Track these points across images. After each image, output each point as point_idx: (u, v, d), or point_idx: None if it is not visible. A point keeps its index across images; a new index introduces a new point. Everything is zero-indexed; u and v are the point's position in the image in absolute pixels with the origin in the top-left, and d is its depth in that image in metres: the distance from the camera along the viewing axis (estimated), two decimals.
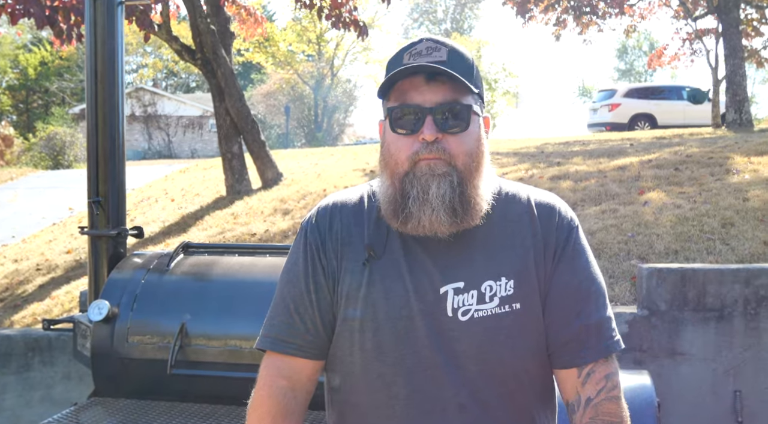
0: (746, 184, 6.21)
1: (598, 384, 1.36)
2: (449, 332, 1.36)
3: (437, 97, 1.34)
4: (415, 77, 1.35)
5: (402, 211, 1.34)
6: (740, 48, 14.33)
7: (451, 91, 1.34)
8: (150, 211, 9.44)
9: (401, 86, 1.36)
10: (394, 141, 1.37)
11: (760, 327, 3.77)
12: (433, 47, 1.36)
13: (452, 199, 1.32)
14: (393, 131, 1.36)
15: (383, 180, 1.40)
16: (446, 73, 1.32)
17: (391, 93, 1.38)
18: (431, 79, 1.34)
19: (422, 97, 1.34)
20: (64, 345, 4.44)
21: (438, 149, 1.33)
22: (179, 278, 2.91)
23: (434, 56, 1.34)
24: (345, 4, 8.64)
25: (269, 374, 1.43)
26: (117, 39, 3.21)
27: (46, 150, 22.55)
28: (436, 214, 1.32)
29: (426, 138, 1.32)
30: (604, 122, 19.56)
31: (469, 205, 1.34)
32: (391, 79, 1.35)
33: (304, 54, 38.44)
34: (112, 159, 3.21)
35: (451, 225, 1.33)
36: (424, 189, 1.32)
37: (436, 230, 1.33)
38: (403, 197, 1.34)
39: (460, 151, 1.34)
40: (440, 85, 1.34)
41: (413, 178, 1.34)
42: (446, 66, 1.33)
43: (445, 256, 1.38)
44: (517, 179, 7.42)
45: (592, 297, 1.39)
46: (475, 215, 1.35)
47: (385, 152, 1.40)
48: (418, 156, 1.33)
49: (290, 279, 1.46)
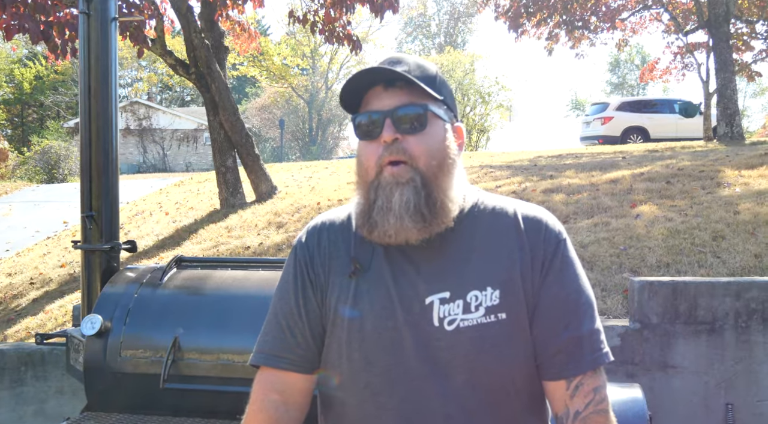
0: (737, 197, 6.25)
1: (586, 397, 1.37)
2: (435, 342, 1.37)
3: (394, 101, 1.38)
4: (376, 88, 1.40)
5: (368, 219, 1.38)
6: (731, 62, 14.45)
7: (408, 96, 1.39)
8: (144, 224, 9.43)
9: (366, 99, 1.42)
10: (363, 149, 1.42)
11: (751, 340, 3.79)
12: (395, 60, 1.42)
13: (417, 205, 1.35)
14: (360, 139, 1.42)
15: (358, 192, 1.45)
16: (402, 77, 1.37)
17: (360, 108, 1.44)
18: (390, 86, 1.40)
19: (381, 102, 1.39)
20: (57, 360, 4.43)
21: (398, 150, 1.37)
22: (172, 292, 2.92)
23: (394, 67, 1.39)
24: (338, 19, 8.70)
25: (262, 389, 1.44)
26: (110, 54, 3.22)
27: (41, 164, 22.53)
28: (400, 221, 1.34)
29: (385, 139, 1.36)
30: (596, 135, 19.67)
31: (435, 207, 1.36)
32: (348, 94, 1.42)
33: (299, 68, 38.56)
34: (105, 173, 3.22)
35: (419, 231, 1.35)
36: (387, 197, 1.36)
37: (405, 238, 1.36)
38: (369, 206, 1.38)
39: (420, 151, 1.37)
40: (398, 90, 1.39)
41: (378, 187, 1.37)
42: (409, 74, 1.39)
43: (431, 266, 1.40)
44: (510, 192, 7.45)
45: (581, 309, 1.41)
46: (443, 216, 1.37)
47: (357, 164, 1.44)
48: (382, 159, 1.37)
49: (282, 296, 1.49)
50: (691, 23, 17.76)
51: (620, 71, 54.60)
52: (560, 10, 16.78)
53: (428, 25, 48.55)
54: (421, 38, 48.52)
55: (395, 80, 1.39)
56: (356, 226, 1.43)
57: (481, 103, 36.81)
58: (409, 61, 1.43)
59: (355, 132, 1.42)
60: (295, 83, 38.29)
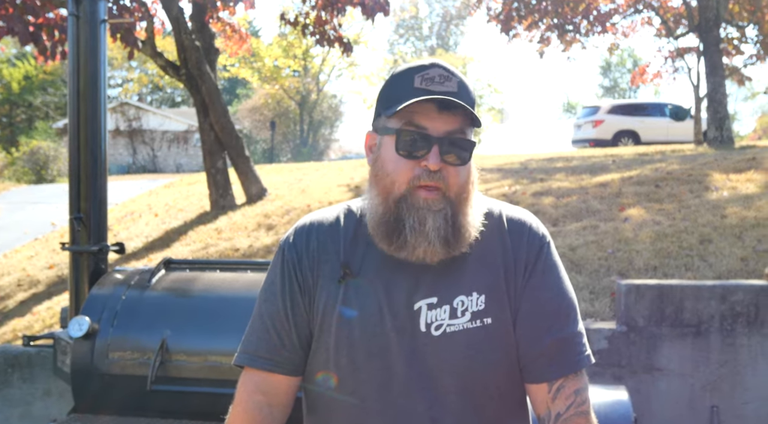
0: (724, 201, 6.30)
1: (567, 399, 1.38)
2: (422, 347, 1.38)
3: (446, 126, 1.35)
4: (427, 103, 1.35)
5: (398, 237, 1.36)
6: (721, 66, 14.53)
7: (459, 123, 1.36)
8: (134, 226, 9.41)
9: (411, 108, 1.35)
10: (394, 161, 1.37)
11: (736, 343, 3.82)
12: (445, 76, 1.38)
13: (446, 232, 1.35)
14: (396, 151, 1.37)
15: (373, 196, 1.41)
16: (460, 107, 1.34)
17: (398, 113, 1.37)
18: (443, 109, 1.35)
19: (432, 124, 1.35)
20: (44, 362, 4.41)
21: (439, 178, 1.35)
22: (160, 294, 2.92)
23: (446, 86, 1.36)
24: (329, 22, 8.72)
25: (246, 390, 1.45)
26: (100, 57, 3.22)
27: (30, 164, 22.45)
28: (432, 246, 1.35)
29: (430, 167, 1.34)
30: (588, 138, 19.74)
31: (460, 235, 1.37)
32: (409, 104, 1.34)
33: (290, 69, 38.53)
34: (94, 175, 3.22)
35: (443, 255, 1.37)
36: (420, 221, 1.34)
37: (428, 259, 1.37)
38: (397, 222, 1.36)
39: (456, 182, 1.37)
40: (451, 115, 1.36)
41: (410, 206, 1.35)
42: (457, 97, 1.35)
43: (419, 272, 1.40)
44: (500, 195, 7.47)
45: (563, 312, 1.42)
46: (465, 242, 1.39)
47: (380, 169, 1.40)
48: (419, 181, 1.35)
49: (267, 297, 1.49)
50: (682, 27, 17.85)
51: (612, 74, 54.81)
52: (551, 14, 16.84)
53: (420, 27, 48.63)
54: (413, 40, 48.59)
55: (451, 105, 1.35)
56: (377, 237, 1.40)
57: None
58: (458, 78, 1.39)
59: (397, 145, 1.36)
60: (287, 85, 38.27)
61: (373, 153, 1.43)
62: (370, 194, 1.43)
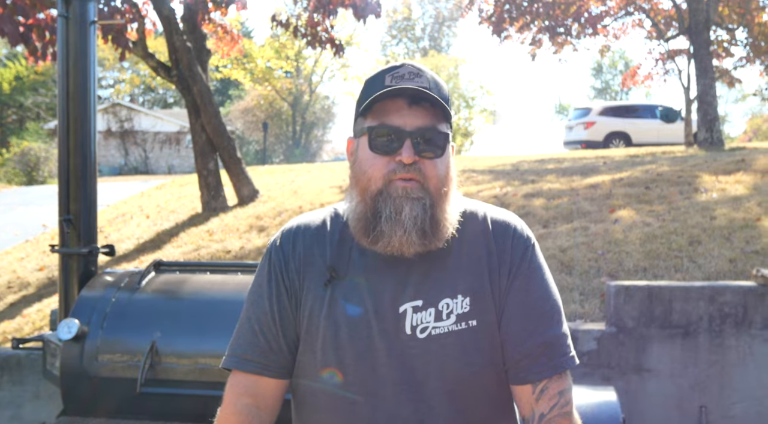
0: (713, 202, 6.33)
1: (551, 400, 1.39)
2: (408, 350, 1.39)
3: (418, 121, 1.37)
4: (398, 100, 1.37)
5: (373, 229, 1.37)
6: (711, 68, 14.60)
7: (431, 117, 1.38)
8: (125, 228, 9.38)
9: (383, 107, 1.38)
10: (369, 159, 1.39)
11: (724, 344, 3.84)
12: (416, 73, 1.39)
13: (423, 221, 1.36)
14: (370, 150, 1.38)
15: (353, 197, 1.43)
16: (430, 99, 1.36)
17: (369, 112, 1.40)
18: (413, 104, 1.37)
19: (403, 120, 1.37)
20: (33, 364, 4.39)
21: (414, 170, 1.36)
22: (150, 296, 2.92)
23: (416, 82, 1.38)
24: (321, 23, 8.72)
25: (234, 393, 1.45)
26: (89, 57, 3.22)
27: (20, 166, 22.34)
28: (407, 235, 1.35)
29: (404, 160, 1.35)
30: (579, 140, 19.80)
31: (437, 228, 1.38)
32: (376, 99, 1.38)
33: (283, 70, 38.48)
34: (83, 177, 3.21)
35: (419, 246, 1.36)
36: (397, 209, 1.35)
37: (404, 251, 1.37)
38: (374, 215, 1.37)
39: (433, 174, 1.38)
40: (422, 110, 1.37)
41: (387, 197, 1.36)
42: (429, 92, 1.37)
43: (405, 275, 1.41)
44: (492, 197, 7.49)
45: (547, 314, 1.43)
46: (441, 237, 1.39)
47: (357, 169, 1.42)
48: (394, 175, 1.36)
49: (255, 300, 1.49)
50: (673, 29, 17.92)
51: (604, 76, 55.01)
52: (542, 16, 16.88)
53: (413, 28, 48.65)
54: (406, 42, 48.61)
55: (421, 99, 1.37)
56: (356, 234, 1.41)
57: (465, 107, 36.99)
58: (429, 75, 1.40)
59: (369, 143, 1.38)
60: (279, 86, 38.23)
61: (353, 156, 1.45)
62: (350, 196, 1.44)
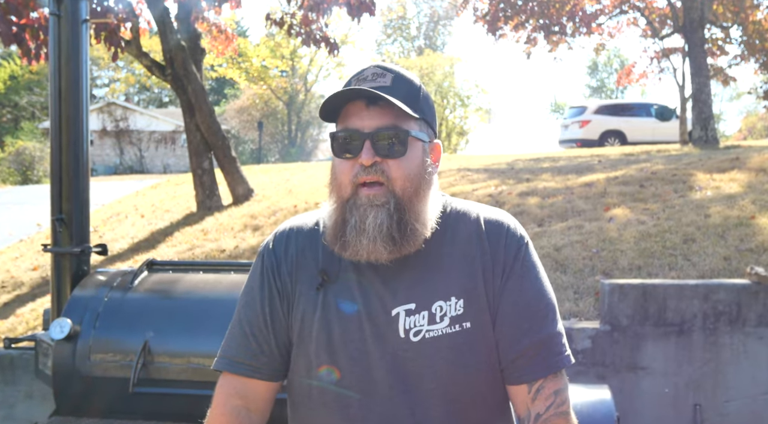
0: (708, 200, 6.34)
1: (547, 400, 1.39)
2: (402, 353, 1.39)
3: (375, 122, 1.36)
4: (357, 102, 1.37)
5: (340, 237, 1.37)
6: (705, 66, 14.64)
7: (390, 117, 1.37)
8: (119, 227, 9.35)
9: (345, 111, 1.39)
10: (338, 165, 1.40)
11: (718, 342, 3.85)
12: (379, 73, 1.39)
13: (389, 228, 1.35)
14: (334, 155, 1.40)
15: (330, 203, 1.43)
16: (384, 99, 1.35)
17: (338, 119, 1.41)
18: (371, 104, 1.37)
19: (362, 122, 1.37)
20: (26, 364, 4.38)
21: (377, 170, 1.36)
22: (143, 295, 2.91)
23: (378, 82, 1.37)
24: (315, 22, 8.70)
25: (224, 394, 1.45)
26: (81, 57, 3.20)
27: (15, 165, 22.29)
28: (373, 243, 1.34)
29: (363, 162, 1.35)
30: (575, 138, 19.83)
31: (406, 232, 1.36)
32: (331, 104, 1.38)
33: (278, 69, 38.42)
34: (76, 177, 3.20)
35: (390, 252, 1.36)
36: (362, 218, 1.35)
37: (375, 258, 1.36)
38: (343, 223, 1.37)
39: (399, 175, 1.37)
40: (380, 109, 1.37)
41: (353, 206, 1.37)
42: (388, 91, 1.36)
43: (397, 278, 1.41)
44: (486, 195, 7.48)
45: (541, 313, 1.42)
46: (413, 241, 1.37)
47: (332, 175, 1.43)
48: (358, 178, 1.36)
49: (247, 302, 1.49)
50: (667, 28, 17.97)
51: (599, 75, 55.06)
52: (537, 15, 16.90)
53: (408, 27, 48.60)
54: (401, 40, 48.55)
55: (378, 99, 1.36)
56: (328, 240, 1.42)
57: (460, 105, 37.02)
58: (394, 74, 1.40)
59: (332, 147, 1.39)
60: (274, 85, 38.16)
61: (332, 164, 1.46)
62: (329, 201, 1.44)
